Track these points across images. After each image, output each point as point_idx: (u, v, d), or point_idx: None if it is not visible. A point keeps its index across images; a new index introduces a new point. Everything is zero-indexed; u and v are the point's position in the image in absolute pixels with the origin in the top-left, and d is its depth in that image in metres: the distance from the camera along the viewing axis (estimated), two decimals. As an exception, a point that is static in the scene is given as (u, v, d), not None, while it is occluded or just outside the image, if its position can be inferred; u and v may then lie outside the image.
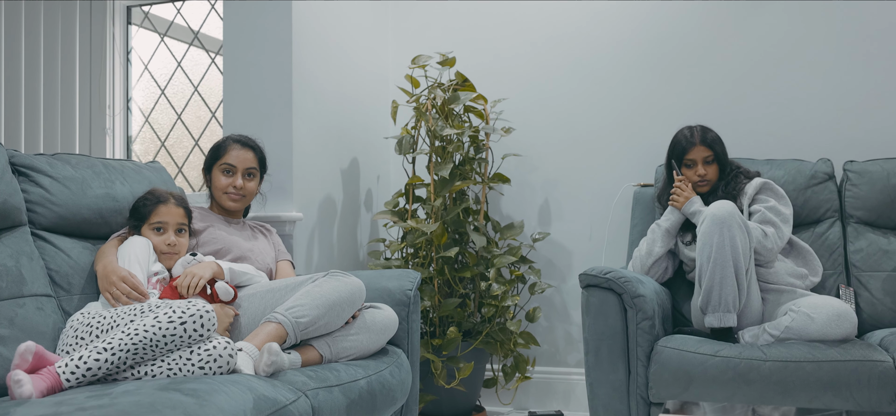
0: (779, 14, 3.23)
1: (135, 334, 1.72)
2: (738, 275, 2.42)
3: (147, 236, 2.20)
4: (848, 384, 2.18)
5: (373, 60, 3.63)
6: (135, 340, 1.71)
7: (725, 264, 2.41)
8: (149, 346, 1.72)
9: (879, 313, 2.70)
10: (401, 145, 3.18)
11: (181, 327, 1.74)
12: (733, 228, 2.42)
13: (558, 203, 3.52)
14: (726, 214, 2.44)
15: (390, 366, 2.23)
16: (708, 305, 2.43)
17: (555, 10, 3.54)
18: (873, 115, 3.11)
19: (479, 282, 3.18)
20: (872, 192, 2.84)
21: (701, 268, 2.47)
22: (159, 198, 2.23)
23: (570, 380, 3.45)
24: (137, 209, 2.23)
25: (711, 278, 2.42)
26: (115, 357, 1.69)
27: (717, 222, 2.44)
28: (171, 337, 1.74)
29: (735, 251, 2.42)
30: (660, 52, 3.38)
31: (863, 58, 3.13)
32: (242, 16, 2.98)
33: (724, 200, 2.50)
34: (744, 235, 2.45)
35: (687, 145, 2.80)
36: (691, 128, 2.83)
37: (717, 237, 2.43)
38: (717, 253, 2.42)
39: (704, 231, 2.47)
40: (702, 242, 2.47)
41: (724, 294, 2.41)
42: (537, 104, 3.55)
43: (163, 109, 3.79)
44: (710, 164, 2.80)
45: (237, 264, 2.30)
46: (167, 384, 1.58)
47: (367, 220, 3.58)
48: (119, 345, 1.70)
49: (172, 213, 2.23)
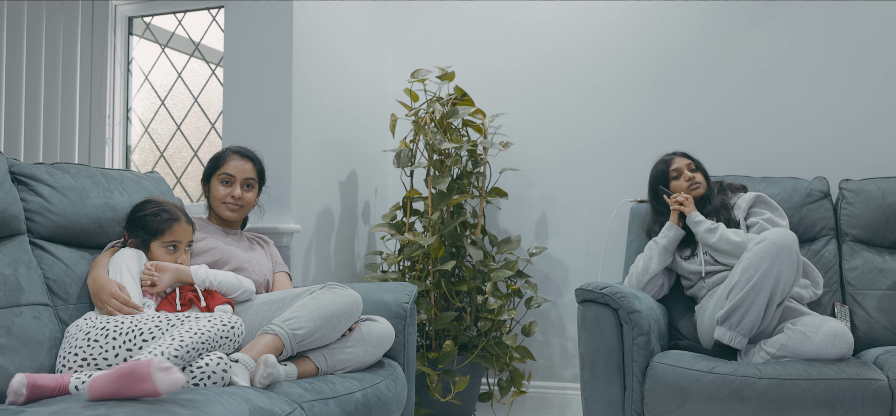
0: (776, 34, 3.25)
1: (199, 332, 1.79)
2: (769, 306, 2.39)
3: (156, 251, 2.18)
4: (843, 403, 2.18)
5: (372, 74, 3.65)
6: (203, 337, 1.79)
7: (761, 293, 2.36)
8: (208, 343, 1.80)
9: (874, 331, 2.71)
10: (399, 158, 3.19)
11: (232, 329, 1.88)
12: (786, 263, 2.37)
13: (555, 218, 3.53)
14: (787, 245, 2.38)
15: (386, 379, 2.23)
16: (727, 320, 2.40)
17: (554, 27, 3.56)
18: (869, 134, 3.13)
19: (476, 296, 3.18)
20: (868, 210, 2.86)
21: (737, 283, 2.41)
22: (173, 215, 2.21)
23: (566, 395, 3.45)
24: (147, 223, 2.19)
25: (744, 299, 2.37)
26: (187, 353, 1.74)
27: (775, 249, 2.37)
28: (223, 339, 1.85)
29: (776, 285, 2.37)
30: (658, 70, 3.40)
31: (859, 78, 3.15)
32: (243, 27, 2.99)
33: (787, 230, 2.44)
34: (793, 271, 2.39)
35: (667, 164, 2.88)
36: (665, 154, 2.94)
37: (766, 265, 2.36)
38: (760, 281, 2.36)
39: (759, 251, 2.39)
40: (750, 261, 2.40)
41: (747, 319, 2.38)
42: (535, 119, 3.57)
43: (162, 119, 3.80)
44: (694, 170, 2.86)
45: (223, 274, 2.25)
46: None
47: (364, 232, 3.58)
48: (190, 342, 1.76)
49: (185, 232, 2.23)
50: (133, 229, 2.21)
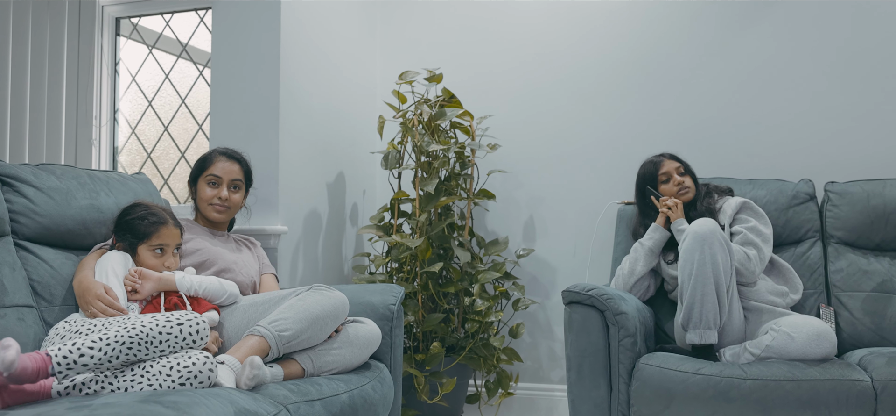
0: (763, 37, 3.27)
1: (132, 328, 1.72)
2: (718, 292, 2.44)
3: (143, 254, 2.17)
4: (827, 404, 2.19)
5: (360, 75, 3.65)
6: (132, 333, 1.71)
7: (706, 282, 2.43)
8: (145, 341, 1.72)
9: (859, 332, 2.73)
10: (387, 160, 3.19)
11: (178, 327, 1.77)
12: (714, 245, 2.45)
13: (543, 220, 3.54)
14: (708, 231, 2.46)
15: (372, 380, 2.23)
16: (689, 322, 2.45)
17: (542, 29, 3.57)
18: (854, 136, 3.15)
19: (463, 297, 3.19)
20: (853, 212, 2.88)
21: (682, 285, 2.49)
22: (161, 218, 2.20)
23: (553, 397, 3.45)
24: (134, 227, 2.18)
25: (693, 295, 2.44)
26: (110, 348, 1.68)
27: (699, 240, 2.46)
28: (167, 336, 1.75)
29: (716, 269, 2.44)
30: (645, 73, 3.42)
31: (845, 81, 3.17)
32: (231, 28, 2.99)
33: (705, 219, 2.52)
34: (725, 252, 2.47)
35: (656, 166, 2.87)
36: (654, 155, 2.93)
37: (698, 255, 2.45)
38: (699, 270, 2.44)
39: (686, 248, 2.49)
40: (683, 259, 2.49)
41: (704, 311, 2.43)
42: (523, 122, 3.57)
43: (150, 120, 3.79)
44: (683, 174, 2.85)
45: (207, 280, 2.23)
46: (148, 396, 1.57)
47: (352, 234, 3.58)
48: (115, 336, 1.70)
49: (173, 235, 2.22)
50: (120, 232, 2.20)
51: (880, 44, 3.13)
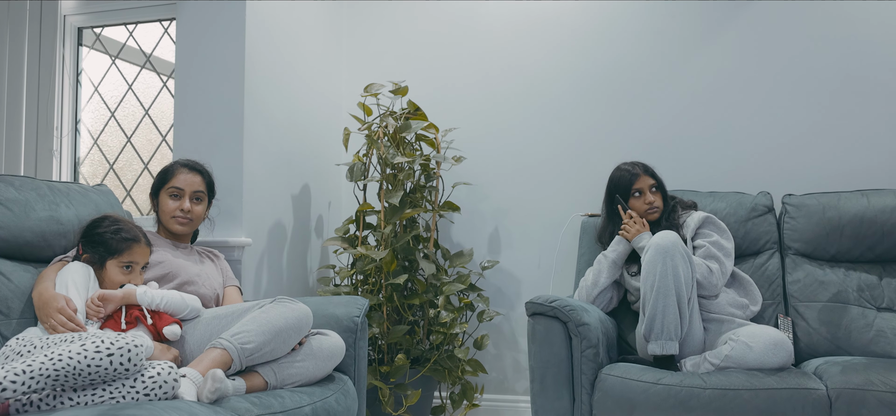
0: (724, 52, 3.33)
1: (58, 360, 1.61)
2: (680, 304, 2.48)
3: (111, 270, 2.14)
4: (784, 412, 2.23)
5: (326, 87, 3.65)
6: (57, 366, 1.61)
7: (668, 293, 2.47)
8: (71, 374, 1.62)
9: (815, 342, 2.79)
10: (352, 172, 3.19)
11: (108, 358, 1.66)
12: (676, 257, 2.49)
13: (508, 232, 3.56)
14: (670, 244, 2.50)
15: (336, 393, 2.22)
16: (651, 333, 2.49)
17: (507, 43, 3.60)
18: (811, 150, 3.22)
19: (428, 309, 3.19)
20: (809, 224, 2.94)
21: (644, 296, 2.53)
22: (133, 236, 2.18)
23: (518, 408, 3.47)
24: (106, 240, 2.15)
25: (654, 306, 2.48)
26: (34, 381, 1.58)
27: (661, 252, 2.49)
28: (95, 369, 1.64)
29: (677, 281, 2.48)
30: (609, 87, 3.46)
31: (802, 95, 3.24)
32: (195, 39, 2.97)
33: (668, 231, 2.56)
34: (686, 264, 2.51)
35: (632, 178, 2.86)
36: (631, 163, 2.92)
37: (660, 267, 2.48)
38: (661, 282, 2.48)
39: (648, 260, 2.52)
40: (646, 271, 2.53)
41: (666, 323, 2.46)
42: (488, 134, 3.60)
43: (112, 131, 3.75)
44: (655, 192, 2.87)
45: (169, 295, 2.19)
46: (106, 410, 1.56)
47: (317, 246, 3.57)
48: (39, 369, 1.59)
49: (144, 253, 2.21)
50: (90, 244, 2.17)
51: (836, 62, 3.21)
